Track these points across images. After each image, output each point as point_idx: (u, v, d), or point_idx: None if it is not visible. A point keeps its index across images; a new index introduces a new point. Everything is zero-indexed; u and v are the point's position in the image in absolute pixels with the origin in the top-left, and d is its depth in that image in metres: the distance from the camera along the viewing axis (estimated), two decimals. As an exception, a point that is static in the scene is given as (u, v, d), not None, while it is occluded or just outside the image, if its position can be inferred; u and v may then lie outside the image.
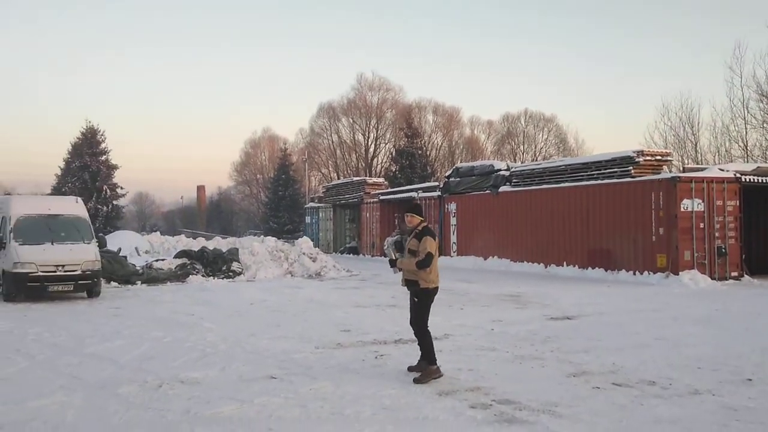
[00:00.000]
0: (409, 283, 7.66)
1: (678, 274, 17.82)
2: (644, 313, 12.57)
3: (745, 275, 18.83)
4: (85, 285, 14.92)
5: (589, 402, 6.39)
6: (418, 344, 7.58)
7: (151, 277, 19.18)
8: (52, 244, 14.81)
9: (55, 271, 14.42)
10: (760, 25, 75.64)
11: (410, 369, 7.59)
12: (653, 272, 18.61)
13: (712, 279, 17.92)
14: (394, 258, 7.83)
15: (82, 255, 14.83)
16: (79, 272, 14.64)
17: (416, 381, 7.14)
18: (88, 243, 15.31)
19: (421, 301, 7.63)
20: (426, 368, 7.35)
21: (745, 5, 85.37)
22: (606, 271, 20.08)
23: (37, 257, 14.30)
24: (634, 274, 19.15)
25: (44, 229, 14.96)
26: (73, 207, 16.03)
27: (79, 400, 6.54)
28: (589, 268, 20.72)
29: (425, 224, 7.82)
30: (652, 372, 7.60)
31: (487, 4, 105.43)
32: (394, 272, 8.06)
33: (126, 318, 12.26)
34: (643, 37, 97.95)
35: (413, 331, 7.71)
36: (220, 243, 29.03)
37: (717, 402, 6.39)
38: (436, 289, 7.74)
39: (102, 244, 16.12)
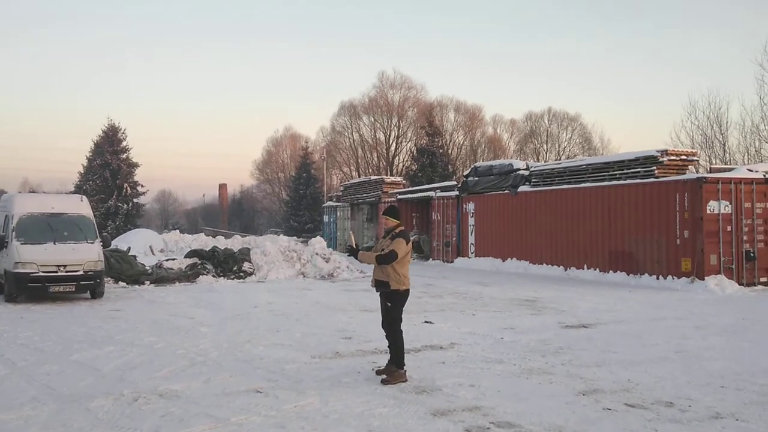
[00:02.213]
0: (379, 283, 7.58)
1: (703, 279, 17.03)
2: (665, 322, 11.88)
3: (775, 281, 17.96)
4: (88, 285, 14.58)
5: (598, 426, 5.80)
6: (389, 346, 7.57)
7: (160, 277, 18.88)
8: (54, 243, 14.50)
9: (56, 272, 14.09)
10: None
11: (378, 372, 7.56)
12: (677, 277, 17.82)
13: (739, 285, 17.10)
14: (354, 246, 7.82)
15: (85, 255, 14.49)
16: (81, 272, 14.30)
17: (384, 382, 7.20)
18: (92, 242, 14.98)
19: (394, 303, 7.55)
20: (394, 371, 7.35)
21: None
22: (628, 275, 19.32)
23: (38, 257, 14.00)
24: (658, 278, 18.37)
25: (46, 228, 14.66)
26: (77, 205, 15.71)
27: (46, 414, 6.10)
28: (611, 272, 19.98)
29: (402, 228, 7.78)
30: (670, 391, 6.96)
31: (510, 1, 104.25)
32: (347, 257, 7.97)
33: (122, 321, 11.87)
34: (669, 35, 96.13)
35: (385, 334, 7.61)
36: (236, 242, 28.80)
37: (741, 428, 5.76)
38: (407, 291, 7.62)
39: (106, 244, 15.75)
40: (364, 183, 38.21)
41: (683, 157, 19.72)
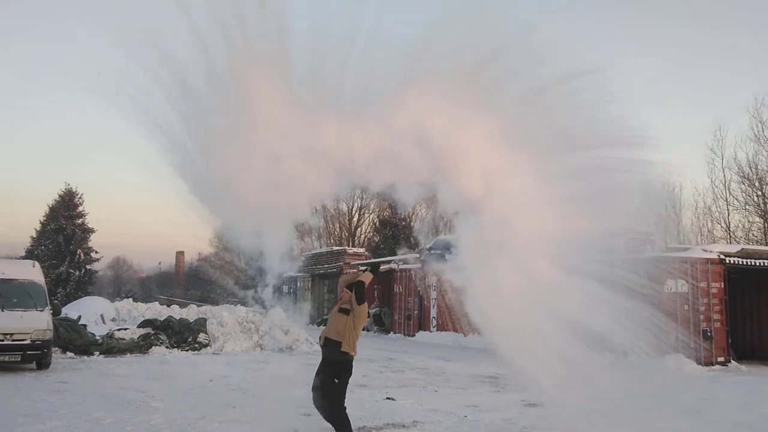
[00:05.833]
0: (329, 343, 7.03)
1: (662, 358, 17.08)
2: (627, 400, 11.77)
3: (732, 361, 18.15)
4: (34, 356, 13.92)
5: None
6: (332, 423, 7.05)
7: (111, 347, 18.15)
8: (2, 310, 13.91)
9: (2, 340, 13.46)
10: (741, 109, 77.26)
11: None
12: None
13: (697, 364, 17.20)
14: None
15: (33, 323, 13.90)
16: (28, 342, 13.66)
17: None
18: (41, 310, 14.41)
19: (345, 372, 7.06)
20: None
21: (726, 86, 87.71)
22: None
23: (-17, 324, 13.39)
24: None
25: (-6, 294, 14.10)
26: (29, 271, 15.19)
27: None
28: (572, 349, 19.91)
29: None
30: (638, 474, 6.83)
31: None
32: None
33: (70, 394, 11.29)
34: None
35: (325, 415, 7.16)
36: (192, 311, 28.15)
37: None
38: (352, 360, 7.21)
39: (56, 312, 15.22)
40: (326, 253, 38.10)
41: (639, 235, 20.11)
